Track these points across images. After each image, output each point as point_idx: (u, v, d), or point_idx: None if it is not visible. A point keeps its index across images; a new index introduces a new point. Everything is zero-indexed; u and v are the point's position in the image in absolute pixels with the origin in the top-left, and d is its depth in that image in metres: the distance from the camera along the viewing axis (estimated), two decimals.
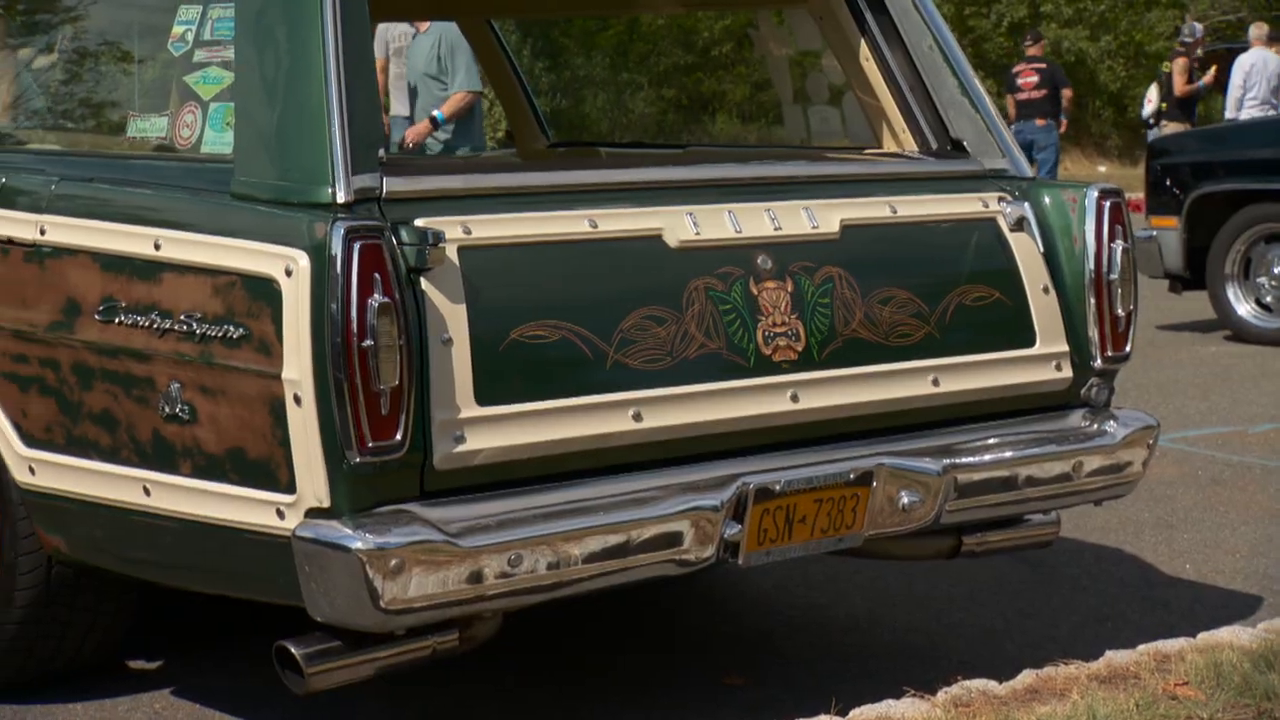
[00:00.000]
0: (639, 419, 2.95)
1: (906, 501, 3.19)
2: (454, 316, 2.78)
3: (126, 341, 2.95)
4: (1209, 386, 7.08)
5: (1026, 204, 3.49)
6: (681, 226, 3.09)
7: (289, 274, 2.71)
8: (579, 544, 2.82)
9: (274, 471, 2.76)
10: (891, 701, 3.10)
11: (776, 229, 3.18)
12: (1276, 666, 3.21)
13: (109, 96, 3.77)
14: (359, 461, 2.68)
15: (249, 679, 3.49)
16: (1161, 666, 3.28)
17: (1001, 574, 4.33)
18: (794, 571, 4.28)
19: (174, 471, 2.91)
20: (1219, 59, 14.53)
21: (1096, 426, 3.47)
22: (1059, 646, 3.74)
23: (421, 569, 2.67)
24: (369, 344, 2.66)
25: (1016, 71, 13.51)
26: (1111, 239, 3.46)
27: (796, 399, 3.13)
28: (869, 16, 3.73)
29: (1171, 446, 5.78)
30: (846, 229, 3.27)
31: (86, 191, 3.15)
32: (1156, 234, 8.48)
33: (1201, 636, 3.47)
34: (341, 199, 2.78)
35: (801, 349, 3.15)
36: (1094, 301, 3.46)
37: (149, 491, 2.96)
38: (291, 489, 2.74)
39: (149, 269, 2.93)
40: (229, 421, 2.82)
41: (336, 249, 2.67)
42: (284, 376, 2.72)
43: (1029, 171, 3.65)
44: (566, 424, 2.88)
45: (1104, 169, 21.73)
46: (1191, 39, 14.29)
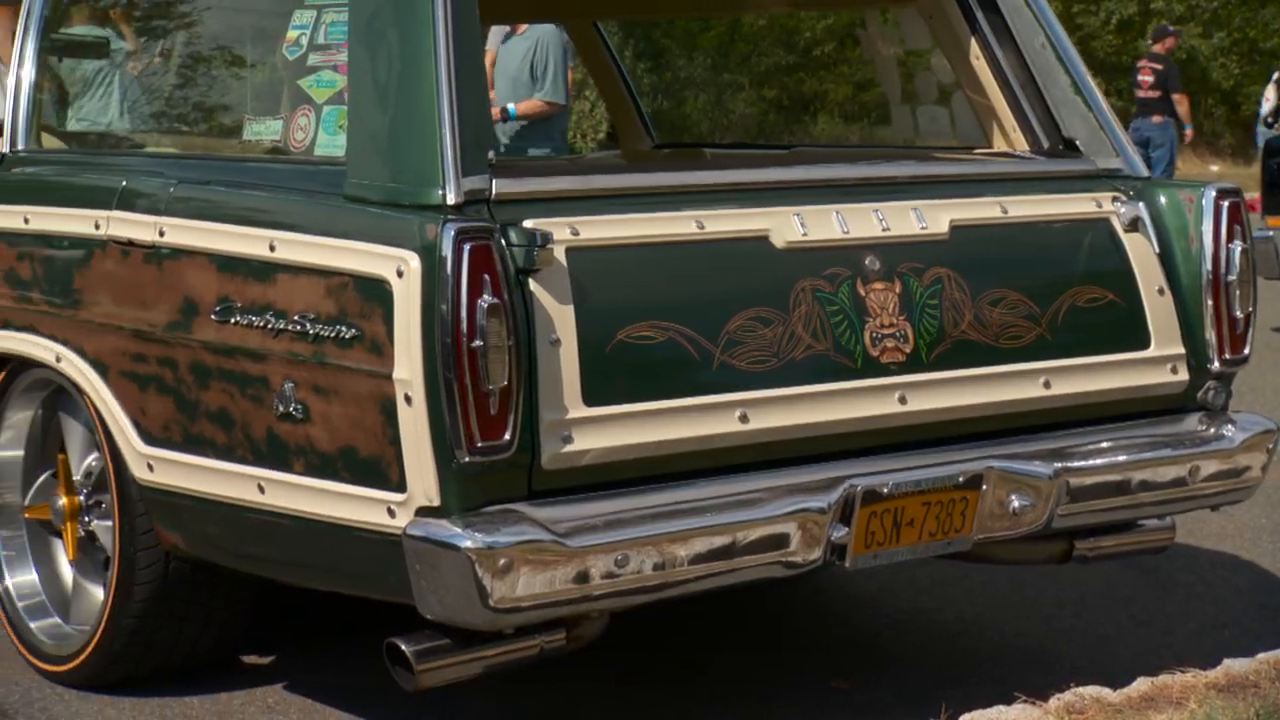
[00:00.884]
0: (745, 420, 2.95)
1: (1017, 505, 3.15)
2: (562, 317, 2.80)
3: (242, 341, 3.00)
4: None
5: (1141, 204, 3.43)
6: (789, 227, 3.08)
7: (400, 275, 2.74)
8: (685, 545, 2.81)
9: (385, 470, 2.80)
10: (1002, 707, 3.06)
11: (885, 230, 3.16)
12: None
13: (224, 100, 3.84)
14: (468, 461, 2.71)
15: (363, 676, 3.53)
16: None
17: (1113, 579, 4.26)
18: (899, 575, 4.24)
19: (287, 469, 2.96)
20: None
21: (1214, 430, 3.41)
22: (1173, 654, 3.67)
23: (530, 568, 2.69)
24: (478, 344, 2.69)
25: (1138, 67, 13.38)
26: (1229, 239, 3.40)
27: (905, 401, 3.11)
28: (979, 14, 3.69)
29: None
30: (956, 229, 3.24)
31: (203, 194, 3.21)
32: (1273, 234, 8.29)
33: None
34: (452, 200, 2.81)
35: (910, 350, 3.12)
36: (1211, 303, 3.39)
37: (263, 489, 3.01)
38: (402, 488, 2.77)
39: (264, 270, 2.98)
40: (341, 421, 2.86)
41: (447, 250, 2.69)
42: (395, 376, 2.75)
43: (1144, 171, 3.60)
44: (673, 425, 2.88)
45: (1216, 168, 21.31)
46: None
